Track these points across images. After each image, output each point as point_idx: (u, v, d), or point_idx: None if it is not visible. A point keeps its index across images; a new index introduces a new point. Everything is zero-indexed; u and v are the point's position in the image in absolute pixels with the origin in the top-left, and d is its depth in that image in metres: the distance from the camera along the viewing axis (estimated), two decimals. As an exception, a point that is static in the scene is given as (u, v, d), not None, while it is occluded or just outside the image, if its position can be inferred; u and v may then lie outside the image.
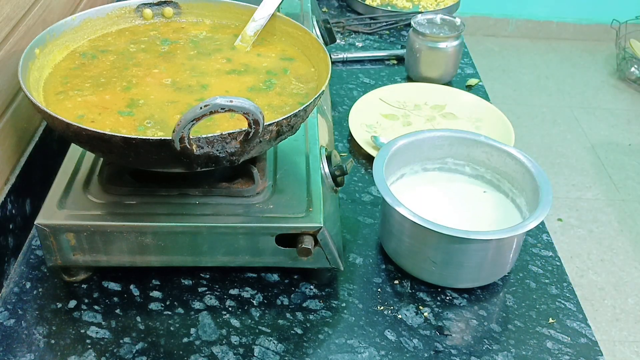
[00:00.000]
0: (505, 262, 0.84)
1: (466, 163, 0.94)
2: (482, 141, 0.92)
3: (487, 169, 0.93)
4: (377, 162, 0.86)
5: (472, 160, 0.93)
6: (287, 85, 0.83)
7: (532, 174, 0.86)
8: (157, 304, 0.80)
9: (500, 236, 0.79)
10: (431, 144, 0.93)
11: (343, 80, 1.30)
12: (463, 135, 0.93)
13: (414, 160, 0.93)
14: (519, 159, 0.89)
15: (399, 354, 0.76)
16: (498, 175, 0.92)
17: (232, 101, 0.62)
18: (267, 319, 0.79)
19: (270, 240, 0.78)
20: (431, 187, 0.93)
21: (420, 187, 0.93)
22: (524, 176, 0.88)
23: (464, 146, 0.93)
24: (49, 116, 0.69)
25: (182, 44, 0.90)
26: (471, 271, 0.82)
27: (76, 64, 0.85)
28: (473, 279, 0.84)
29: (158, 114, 0.76)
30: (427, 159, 0.94)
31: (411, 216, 0.79)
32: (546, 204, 0.81)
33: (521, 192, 0.89)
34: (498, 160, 0.91)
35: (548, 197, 0.82)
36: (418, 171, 0.94)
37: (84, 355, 0.74)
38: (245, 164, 0.80)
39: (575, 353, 0.77)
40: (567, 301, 0.84)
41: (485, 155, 0.92)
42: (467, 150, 0.93)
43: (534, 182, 0.85)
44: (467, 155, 0.93)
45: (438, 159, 0.94)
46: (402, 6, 1.57)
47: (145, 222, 0.76)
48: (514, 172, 0.89)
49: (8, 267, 0.83)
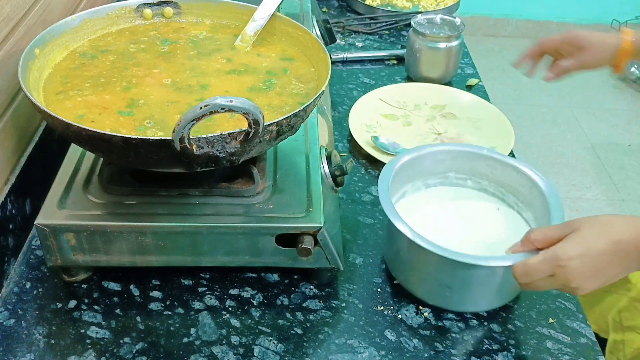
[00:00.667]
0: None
1: (468, 177, 0.92)
2: (485, 154, 0.90)
3: (490, 182, 0.91)
4: (381, 185, 0.82)
5: (475, 174, 0.91)
6: (287, 85, 0.83)
7: (540, 188, 0.84)
8: (157, 304, 0.80)
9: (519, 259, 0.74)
10: (433, 159, 0.90)
11: (343, 80, 1.30)
12: (465, 149, 0.91)
13: (416, 177, 0.91)
14: (524, 172, 0.87)
15: (399, 354, 0.76)
16: (502, 189, 0.90)
17: (232, 101, 0.62)
18: (267, 319, 0.79)
19: (270, 240, 0.78)
20: (437, 204, 0.90)
21: (425, 205, 0.90)
22: (530, 190, 0.85)
23: (467, 160, 0.91)
24: (49, 116, 0.69)
25: (182, 44, 0.90)
26: (489, 293, 0.80)
27: (76, 64, 0.85)
28: (490, 302, 0.82)
29: (158, 114, 0.76)
30: (430, 174, 0.91)
31: (432, 248, 0.75)
32: (558, 221, 0.78)
33: (528, 206, 0.86)
34: (502, 173, 0.89)
35: (559, 214, 0.80)
36: (420, 188, 0.92)
37: (84, 355, 0.74)
38: (245, 164, 0.80)
39: (575, 353, 0.77)
40: (567, 301, 0.84)
41: (489, 169, 0.90)
42: (470, 163, 0.91)
43: (543, 197, 0.83)
44: (470, 169, 0.91)
45: (440, 174, 0.92)
46: (402, 6, 1.57)
47: (145, 222, 0.76)
48: (520, 186, 0.87)
49: (8, 267, 0.83)
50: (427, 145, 0.91)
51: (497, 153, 0.91)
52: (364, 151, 1.08)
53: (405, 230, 0.77)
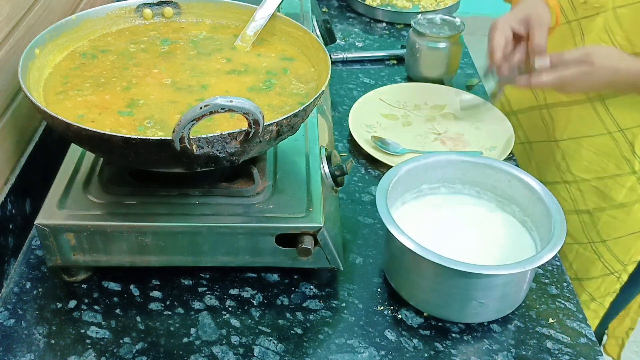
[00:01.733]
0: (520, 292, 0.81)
1: (463, 185, 0.90)
2: (481, 163, 0.89)
3: (487, 191, 0.89)
4: (379, 200, 0.80)
5: (471, 182, 0.90)
6: (287, 85, 0.83)
7: (539, 195, 0.83)
8: (157, 304, 0.80)
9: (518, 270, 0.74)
10: (428, 167, 0.88)
11: (343, 80, 1.29)
12: (462, 158, 0.89)
13: (412, 187, 0.89)
14: (525, 181, 0.85)
15: (399, 354, 0.76)
16: (503, 199, 0.88)
17: (232, 101, 0.62)
18: (267, 319, 0.79)
19: (270, 240, 0.78)
20: (434, 213, 0.88)
21: (423, 213, 0.88)
22: (530, 198, 0.84)
23: (460, 170, 0.89)
24: (49, 116, 0.69)
25: (182, 44, 0.90)
26: (493, 303, 0.79)
27: (76, 64, 0.85)
28: (489, 313, 0.80)
29: (158, 114, 0.76)
30: (425, 183, 0.89)
31: (437, 259, 0.74)
32: (561, 234, 0.77)
33: (527, 214, 0.85)
34: (499, 181, 0.87)
35: (562, 228, 0.78)
36: (418, 196, 0.90)
37: (84, 355, 0.74)
38: (245, 164, 0.80)
39: (575, 353, 0.77)
40: (567, 301, 0.84)
41: (485, 177, 0.88)
42: (464, 172, 0.89)
43: (543, 204, 0.82)
44: (464, 177, 0.89)
45: (435, 183, 0.90)
46: (402, 6, 1.57)
47: (145, 222, 0.76)
48: (521, 196, 0.86)
49: (8, 267, 0.83)
50: (420, 157, 0.89)
51: (495, 161, 0.89)
52: (364, 151, 1.08)
53: (401, 237, 0.76)
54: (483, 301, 0.77)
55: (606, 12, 0.99)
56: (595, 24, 1.00)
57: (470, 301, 0.77)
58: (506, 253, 0.83)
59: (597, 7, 1.00)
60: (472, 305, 0.77)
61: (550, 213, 0.80)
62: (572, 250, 1.16)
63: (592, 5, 1.00)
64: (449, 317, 0.80)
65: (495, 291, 0.77)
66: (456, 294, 0.77)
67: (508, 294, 0.79)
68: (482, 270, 0.74)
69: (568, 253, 1.17)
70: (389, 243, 0.82)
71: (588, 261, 1.15)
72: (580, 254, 1.15)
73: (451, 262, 0.73)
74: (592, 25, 1.01)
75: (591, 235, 1.12)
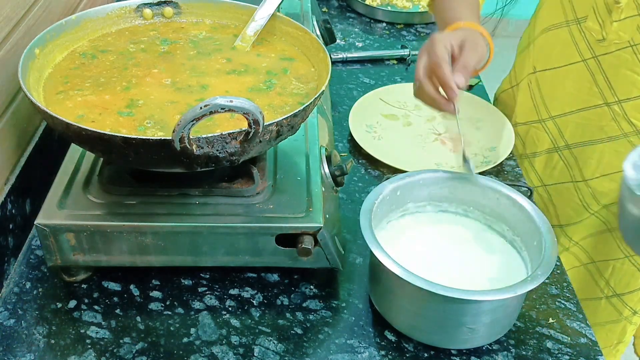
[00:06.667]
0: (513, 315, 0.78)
1: (450, 204, 0.87)
2: (468, 180, 0.85)
3: (475, 209, 0.86)
4: (363, 221, 0.77)
5: (459, 201, 0.86)
6: (287, 85, 0.83)
7: (528, 213, 0.80)
8: (157, 304, 0.80)
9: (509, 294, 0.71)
10: (414, 185, 0.85)
11: (343, 80, 1.29)
12: (448, 176, 0.86)
13: (398, 205, 0.85)
14: (513, 199, 0.82)
15: (398, 354, 0.76)
16: (491, 218, 0.85)
17: (232, 101, 0.62)
18: (267, 319, 0.79)
19: (270, 240, 0.78)
20: (420, 232, 0.85)
21: (409, 233, 0.84)
22: (515, 217, 0.82)
23: (446, 188, 0.86)
24: (49, 116, 0.69)
25: (182, 44, 0.90)
26: (483, 328, 0.76)
27: (76, 64, 0.85)
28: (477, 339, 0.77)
29: (158, 114, 0.76)
30: (410, 201, 0.86)
31: (423, 284, 0.70)
32: (552, 255, 0.74)
33: (515, 231, 0.82)
34: (487, 199, 0.84)
35: (554, 248, 0.75)
36: (404, 215, 0.86)
37: (84, 355, 0.74)
38: (245, 164, 0.80)
39: (575, 353, 0.77)
40: (567, 301, 0.84)
41: (472, 195, 0.85)
42: (450, 190, 0.86)
43: (532, 223, 0.79)
44: (451, 195, 0.86)
45: (421, 201, 0.86)
46: (402, 6, 1.57)
47: (145, 222, 0.76)
48: (509, 214, 0.82)
49: (8, 267, 0.83)
50: (405, 175, 0.85)
51: (482, 178, 0.85)
52: (364, 151, 1.08)
53: (385, 260, 0.72)
54: (473, 327, 0.74)
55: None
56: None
57: (460, 327, 0.74)
58: (495, 275, 0.79)
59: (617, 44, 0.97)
60: (462, 331, 0.74)
61: (540, 232, 0.77)
62: (607, 267, 1.12)
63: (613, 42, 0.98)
64: (437, 343, 0.77)
65: (485, 316, 0.74)
66: (444, 320, 0.74)
67: (499, 319, 0.76)
68: (471, 295, 0.70)
69: (604, 271, 1.13)
70: (373, 266, 0.79)
71: (627, 275, 1.11)
72: (618, 269, 1.11)
73: (438, 287, 0.69)
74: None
75: (628, 250, 1.09)
